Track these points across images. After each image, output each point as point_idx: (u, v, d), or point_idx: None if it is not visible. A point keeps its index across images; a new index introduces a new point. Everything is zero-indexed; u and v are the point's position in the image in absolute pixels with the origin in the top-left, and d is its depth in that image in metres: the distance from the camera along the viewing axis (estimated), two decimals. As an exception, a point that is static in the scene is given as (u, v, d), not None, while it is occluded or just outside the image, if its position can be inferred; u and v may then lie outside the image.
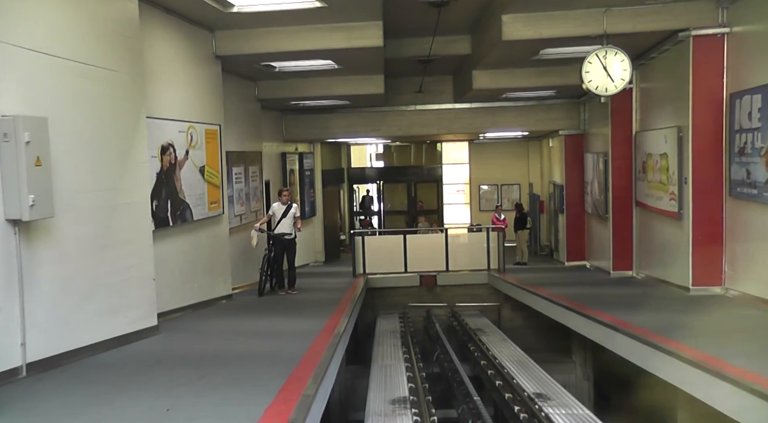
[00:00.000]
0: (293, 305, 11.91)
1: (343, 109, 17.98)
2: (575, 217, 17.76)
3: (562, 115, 17.56)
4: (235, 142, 13.81)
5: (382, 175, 25.61)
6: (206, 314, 10.54)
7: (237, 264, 13.75)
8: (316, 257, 20.81)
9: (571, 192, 17.78)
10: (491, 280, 16.50)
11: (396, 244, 16.85)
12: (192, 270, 10.81)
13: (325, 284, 15.55)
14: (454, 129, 17.97)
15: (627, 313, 9.65)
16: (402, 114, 17.97)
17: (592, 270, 16.72)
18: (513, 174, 23.97)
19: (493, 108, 17.72)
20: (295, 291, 13.18)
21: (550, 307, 11.95)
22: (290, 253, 13.07)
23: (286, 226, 12.92)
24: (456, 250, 17.07)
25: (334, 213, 22.29)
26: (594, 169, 15.88)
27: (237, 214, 13.76)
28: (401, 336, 13.61)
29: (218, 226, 11.81)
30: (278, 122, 18.07)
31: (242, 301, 12.25)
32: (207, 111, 11.34)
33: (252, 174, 14.61)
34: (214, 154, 11.44)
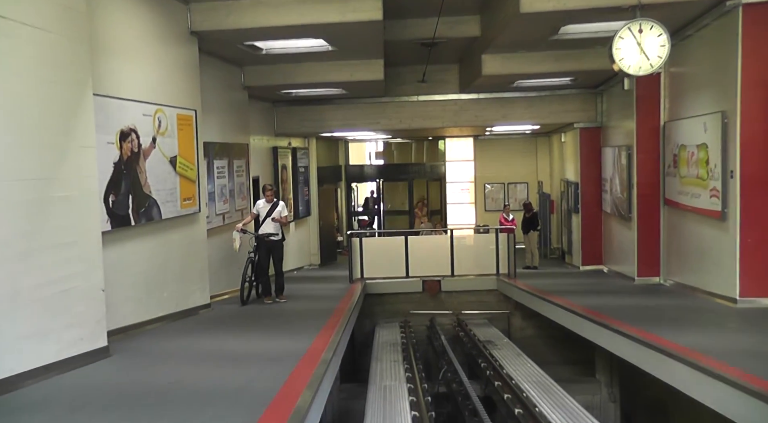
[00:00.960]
0: (278, 317, 10.28)
1: (340, 100, 16.36)
2: (591, 218, 16.13)
3: (577, 106, 15.93)
4: (218, 132, 12.20)
5: (381, 173, 23.92)
6: (174, 329, 8.90)
7: (219, 268, 12.13)
8: (311, 260, 19.19)
9: (586, 190, 16.15)
10: (500, 285, 14.90)
11: (397, 246, 15.26)
12: (160, 277, 9.18)
13: (318, 290, 13.94)
14: (459, 122, 16.35)
15: (671, 331, 8.03)
16: (403, 105, 16.34)
17: (611, 275, 15.09)
18: (520, 172, 22.33)
19: (503, 99, 16.09)
20: (283, 299, 11.56)
21: (573, 320, 10.31)
22: (277, 256, 11.46)
23: (272, 226, 11.30)
24: (462, 253, 15.45)
25: (330, 213, 20.67)
26: (614, 164, 14.26)
27: (219, 212, 12.14)
28: (402, 349, 12.00)
29: (194, 225, 10.18)
30: (269, 114, 16.45)
31: (222, 311, 10.62)
32: (180, 94, 9.73)
33: (237, 169, 12.98)
34: (188, 143, 9.82)
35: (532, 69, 12.97)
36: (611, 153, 14.61)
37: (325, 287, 14.40)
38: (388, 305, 15.05)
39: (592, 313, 9.99)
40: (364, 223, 24.38)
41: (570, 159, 17.54)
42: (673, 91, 12.03)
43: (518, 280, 14.67)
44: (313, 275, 17.49)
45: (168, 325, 9.05)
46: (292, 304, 11.41)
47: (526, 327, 14.70)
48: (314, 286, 15.01)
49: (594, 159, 15.93)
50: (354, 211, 25.17)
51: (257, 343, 8.10)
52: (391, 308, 15.05)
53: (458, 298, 15.10)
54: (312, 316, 10.01)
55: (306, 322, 9.54)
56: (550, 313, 11.59)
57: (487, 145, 22.46)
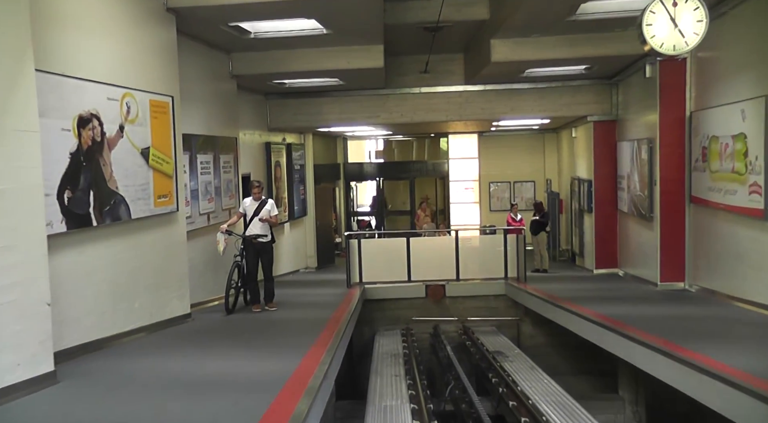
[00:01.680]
0: (265, 329, 9.10)
1: (337, 93, 15.18)
2: (606, 218, 14.93)
3: (590, 98, 14.73)
4: (202, 124, 11.02)
5: (382, 172, 22.68)
6: (144, 346, 7.70)
7: (204, 273, 10.96)
8: (308, 262, 17.99)
9: (601, 188, 14.96)
10: (509, 290, 13.73)
11: (398, 248, 14.10)
12: (130, 285, 8.00)
13: (313, 296, 12.76)
14: (465, 115, 15.15)
15: (716, 348, 6.85)
16: (405, 98, 15.15)
17: (627, 279, 13.91)
18: (527, 170, 21.11)
19: (511, 91, 14.89)
20: (273, 307, 10.39)
21: (596, 332, 9.11)
22: (266, 260, 10.28)
23: (260, 227, 10.13)
24: (467, 256, 14.29)
25: (328, 213, 19.48)
26: (633, 159, 13.07)
27: (203, 211, 10.95)
28: (404, 361, 10.82)
29: (171, 226, 8.99)
30: (261, 107, 15.26)
31: (203, 322, 9.43)
32: (154, 77, 8.54)
33: (224, 164, 11.79)
34: (163, 133, 8.63)
35: (546, 55, 11.77)
36: (629, 147, 13.42)
37: (321, 293, 13.22)
38: (389, 311, 13.88)
39: (618, 323, 8.80)
40: (363, 224, 23.18)
41: (582, 155, 16.35)
42: (701, 78, 10.85)
43: (528, 284, 13.50)
44: (309, 279, 16.31)
45: (138, 341, 7.86)
46: (282, 312, 10.23)
47: (537, 335, 13.54)
48: (309, 291, 13.83)
49: (609, 154, 14.75)
50: (357, 211, 24.02)
51: (236, 362, 6.90)
52: (392, 315, 13.88)
53: (464, 304, 13.92)
54: (303, 328, 8.83)
55: (296, 335, 8.37)
56: (568, 323, 10.40)
57: (492, 141, 21.26)
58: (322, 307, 10.76)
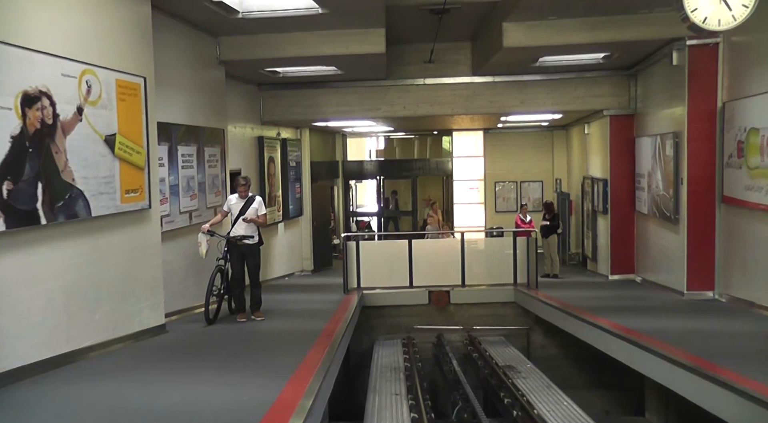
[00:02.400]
0: (248, 343, 7.95)
1: (335, 83, 14.03)
2: (622, 220, 13.77)
3: (607, 90, 13.58)
4: (184, 113, 9.88)
5: (383, 170, 21.48)
6: (101, 367, 6.50)
7: (186, 278, 9.81)
8: (303, 265, 16.84)
9: (617, 187, 13.80)
10: (519, 297, 12.60)
11: (399, 251, 12.97)
12: (91, 293, 6.85)
13: (306, 303, 11.60)
14: (472, 108, 13.99)
15: None
16: (408, 90, 14.00)
17: (646, 286, 12.76)
18: (534, 169, 19.92)
19: (521, 83, 13.74)
20: (260, 316, 9.24)
21: (624, 349, 7.93)
22: (252, 264, 9.12)
23: (245, 228, 8.98)
24: (474, 260, 13.17)
25: (325, 213, 18.33)
26: (655, 156, 11.91)
27: (185, 209, 9.80)
28: (406, 376, 9.71)
29: (142, 225, 7.83)
30: (254, 98, 14.11)
31: (179, 334, 8.27)
32: (122, 54, 7.39)
33: (210, 158, 10.64)
34: (133, 119, 7.48)
35: (563, 40, 10.62)
36: (650, 143, 12.26)
37: (316, 299, 12.07)
38: (389, 319, 12.75)
39: (646, 338, 7.65)
40: (362, 225, 22.00)
41: (596, 153, 15.19)
42: (736, 64, 9.72)
43: (540, 291, 12.35)
44: (304, 283, 15.15)
45: (98, 360, 6.70)
46: (270, 322, 9.08)
47: (549, 345, 12.43)
48: (302, 297, 12.67)
49: (626, 151, 13.59)
50: (356, 211, 22.84)
51: (205, 390, 5.70)
52: (393, 322, 12.76)
53: (469, 312, 12.78)
54: (291, 343, 7.69)
55: (282, 352, 7.23)
56: (590, 337, 9.23)
57: (499, 139, 20.09)
58: (314, 317, 9.61)
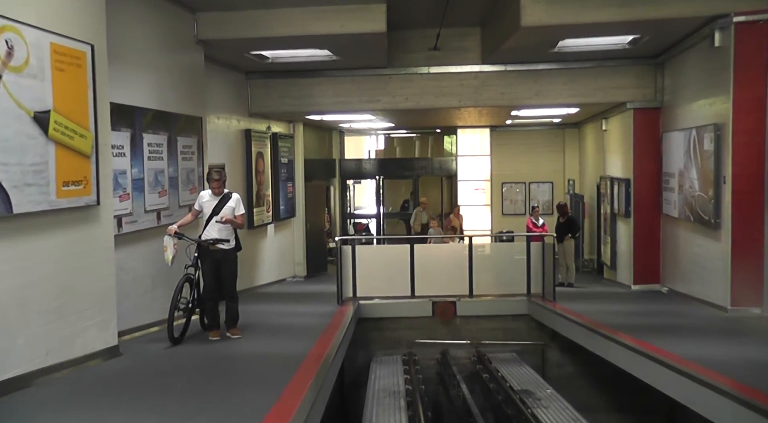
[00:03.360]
0: (213, 373, 6.45)
1: (331, 72, 12.56)
2: (647, 224, 12.31)
3: (631, 81, 12.12)
4: (152, 95, 8.41)
5: (382, 170, 19.94)
6: (14, 410, 5.02)
7: (152, 289, 8.34)
8: (295, 271, 15.33)
9: (641, 189, 12.33)
10: (533, 309, 11.14)
11: (399, 257, 11.49)
12: (11, 312, 5.36)
13: (294, 316, 10.10)
14: (481, 100, 12.52)
15: None
16: (411, 79, 12.53)
17: (674, 298, 11.29)
18: (544, 169, 18.41)
19: (536, 72, 12.27)
20: (237, 334, 7.76)
21: (681, 385, 6.39)
22: (227, 273, 7.66)
23: (220, 230, 7.51)
24: (483, 267, 11.68)
25: (320, 214, 16.83)
26: (690, 152, 10.43)
27: (152, 207, 8.32)
28: (407, 403, 8.21)
29: (87, 225, 6.35)
30: (241, 88, 12.64)
31: (135, 358, 6.78)
32: (60, 12, 5.92)
33: (185, 149, 9.16)
34: (75, 94, 6.01)
35: (589, 17, 9.16)
36: (682, 138, 10.78)
37: (306, 311, 10.59)
38: (388, 332, 11.27)
39: (711, 374, 6.13)
40: (360, 227, 20.47)
41: (616, 151, 13.71)
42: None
43: (557, 303, 10.87)
44: (295, 291, 13.65)
45: (18, 398, 5.20)
46: (247, 342, 7.60)
47: (566, 363, 10.94)
48: (291, 308, 11.17)
49: (652, 148, 12.13)
50: (354, 213, 21.29)
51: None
52: (392, 336, 11.27)
53: (478, 325, 11.30)
54: (268, 373, 6.20)
55: (254, 386, 5.73)
56: (627, 364, 7.70)
57: (506, 137, 18.60)
58: (301, 335, 8.13)
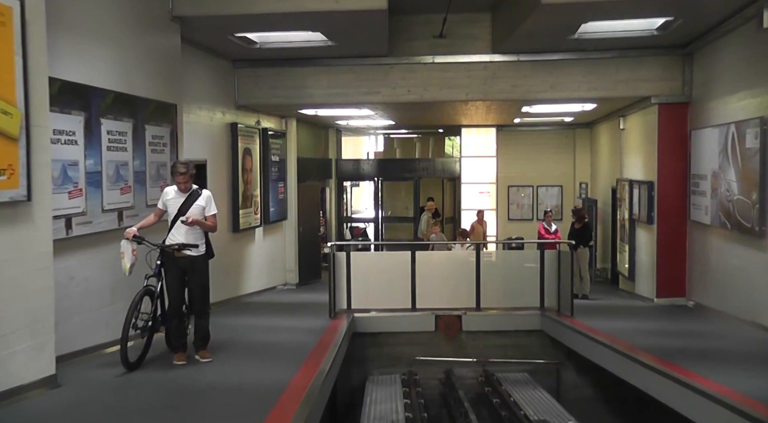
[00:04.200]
0: (166, 415, 5.14)
1: (326, 60, 11.31)
2: (672, 231, 11.04)
3: (656, 73, 10.88)
4: (114, 75, 7.15)
5: (381, 171, 18.65)
6: None
7: (112, 303, 7.05)
8: (287, 278, 14.06)
9: (666, 192, 11.08)
10: (547, 324, 9.92)
11: (399, 265, 10.25)
12: None
13: (279, 332, 8.80)
14: (491, 93, 11.28)
15: None
16: (414, 70, 11.28)
17: (706, 314, 10.03)
18: (553, 172, 17.17)
19: (552, 63, 11.03)
20: (207, 358, 6.48)
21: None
22: (196, 284, 6.38)
23: (187, 233, 6.25)
24: (491, 277, 10.44)
25: (314, 217, 15.58)
26: (727, 151, 9.16)
27: (111, 206, 7.04)
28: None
29: (13, 226, 5.08)
30: (227, 77, 11.38)
31: (74, 390, 5.51)
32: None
33: (154, 140, 7.90)
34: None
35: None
36: (717, 135, 9.52)
37: (293, 325, 9.32)
38: (386, 348, 10.00)
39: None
40: (357, 232, 19.19)
41: (636, 151, 12.46)
42: None
43: (575, 319, 9.62)
44: (284, 301, 12.37)
45: None
46: (218, 367, 6.32)
47: (583, 385, 9.70)
48: (278, 321, 9.86)
49: (679, 148, 10.89)
50: (351, 217, 19.99)
51: None
52: (390, 353, 10.00)
53: (485, 341, 10.04)
54: (242, 405, 4.92)
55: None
56: (664, 394, 6.42)
57: (513, 138, 17.34)
58: (285, 357, 6.87)
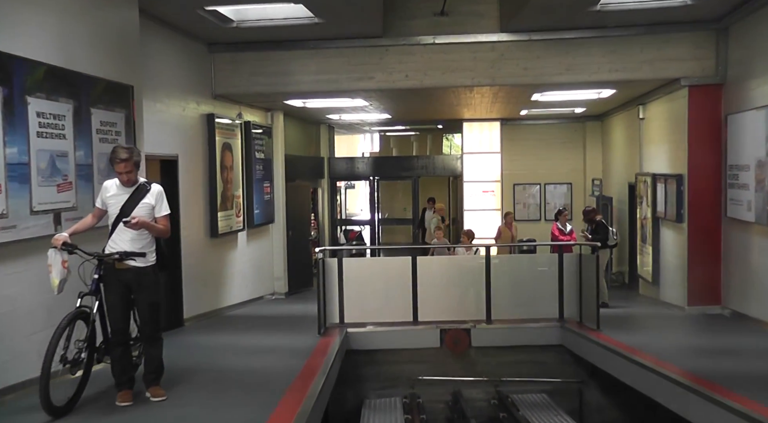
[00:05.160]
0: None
1: (313, 43, 9.97)
2: (706, 230, 9.71)
3: (686, 52, 9.55)
4: (48, 46, 5.80)
5: (377, 169, 17.23)
6: None
7: (44, 327, 5.58)
8: (274, 287, 12.68)
9: (698, 186, 9.74)
10: (567, 338, 8.62)
11: (398, 272, 8.92)
12: None
13: (257, 355, 7.40)
14: (499, 77, 9.93)
15: None
16: (412, 52, 9.94)
17: (749, 325, 8.71)
18: (562, 168, 15.80)
19: (567, 42, 9.69)
20: (160, 395, 5.09)
21: None
22: (144, 303, 5.00)
23: (132, 238, 4.88)
24: (503, 285, 9.09)
25: (304, 220, 14.21)
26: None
27: (43, 207, 5.64)
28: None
29: None
30: (202, 63, 10.02)
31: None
32: None
33: (104, 127, 6.51)
34: None
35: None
36: (762, 119, 8.18)
37: (276, 344, 7.97)
38: (385, 366, 8.66)
39: None
40: (352, 235, 17.78)
41: (659, 141, 11.14)
42: None
43: (602, 333, 8.29)
44: (270, 313, 10.99)
45: None
46: (174, 410, 4.95)
47: (609, 406, 8.43)
48: (257, 340, 8.43)
49: (712, 136, 9.57)
50: (346, 219, 18.61)
51: None
52: (389, 372, 8.67)
53: (498, 358, 8.71)
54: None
55: None
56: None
57: (519, 132, 15.99)
58: (260, 390, 5.51)
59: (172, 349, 7.02)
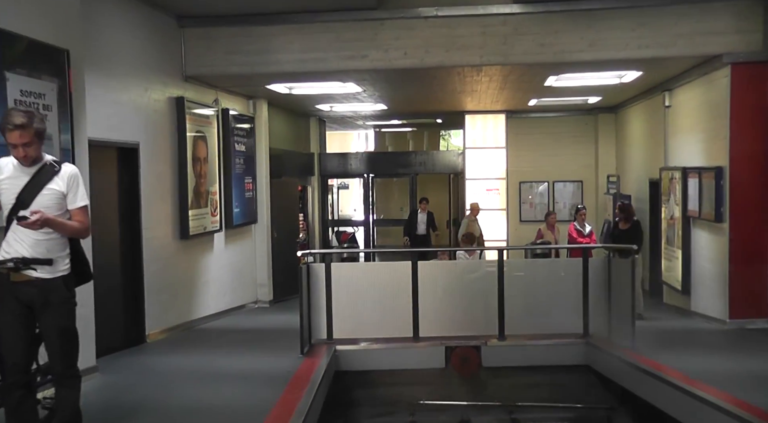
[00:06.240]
0: None
1: (298, 16, 8.64)
2: (751, 232, 8.41)
3: (727, 24, 8.22)
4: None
5: (372, 166, 15.84)
6: None
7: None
8: (258, 294, 11.32)
9: (741, 181, 8.43)
10: (594, 357, 7.37)
11: (396, 280, 7.57)
12: None
13: (224, 382, 6.04)
14: (512, 55, 8.60)
15: None
16: (411, 26, 8.60)
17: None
18: (572, 165, 14.46)
19: (590, 13, 8.36)
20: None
21: None
22: (53, 328, 3.56)
23: (35, 240, 3.46)
24: (516, 295, 7.75)
25: (292, 220, 12.86)
26: None
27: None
28: None
29: None
30: (170, 40, 8.67)
31: None
32: None
33: (26, 97, 5.13)
34: None
35: None
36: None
37: (249, 368, 6.63)
38: (381, 389, 7.40)
39: None
40: (345, 237, 16.41)
41: (691, 130, 9.82)
42: None
43: (637, 353, 6.97)
44: (250, 326, 9.63)
45: None
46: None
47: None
48: (228, 362, 7.03)
49: (758, 122, 8.27)
50: (338, 219, 17.25)
51: None
52: (386, 395, 7.41)
53: (512, 380, 7.45)
54: None
55: None
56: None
57: (526, 125, 14.67)
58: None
59: (121, 375, 5.71)
